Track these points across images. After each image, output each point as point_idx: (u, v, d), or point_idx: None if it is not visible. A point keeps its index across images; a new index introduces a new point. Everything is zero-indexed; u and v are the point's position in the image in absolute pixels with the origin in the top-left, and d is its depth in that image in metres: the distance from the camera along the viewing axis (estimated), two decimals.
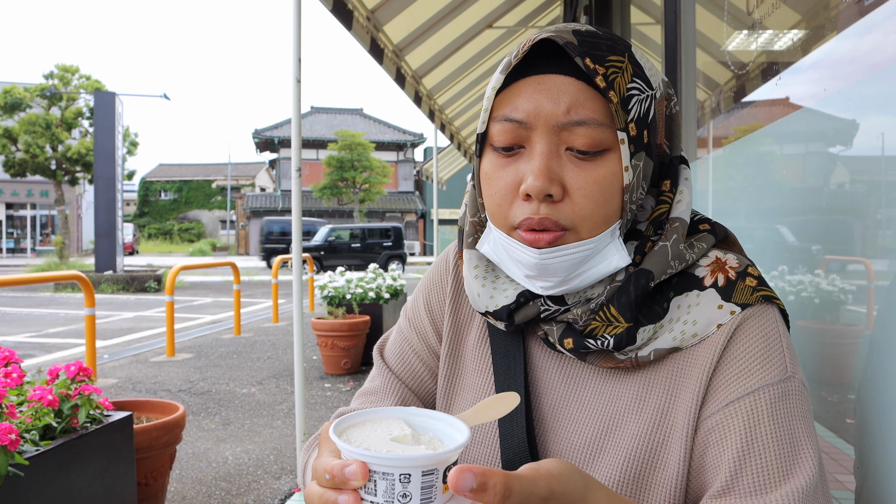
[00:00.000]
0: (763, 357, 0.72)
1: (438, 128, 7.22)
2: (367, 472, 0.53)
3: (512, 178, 0.74)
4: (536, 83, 0.72)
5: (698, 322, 0.74)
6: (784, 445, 0.68)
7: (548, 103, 0.71)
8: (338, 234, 23.92)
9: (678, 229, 0.76)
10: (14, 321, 10.13)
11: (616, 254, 0.74)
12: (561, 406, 0.81)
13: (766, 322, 0.74)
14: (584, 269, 0.75)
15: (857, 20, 1.04)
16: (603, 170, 0.71)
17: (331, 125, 39.24)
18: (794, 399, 0.70)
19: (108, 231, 16.01)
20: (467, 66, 5.79)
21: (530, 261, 0.74)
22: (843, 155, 1.18)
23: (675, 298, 0.77)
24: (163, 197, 49.43)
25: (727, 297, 0.74)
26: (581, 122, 0.70)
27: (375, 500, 0.53)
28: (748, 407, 0.70)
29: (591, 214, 0.72)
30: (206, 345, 7.70)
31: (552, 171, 0.71)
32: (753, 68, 1.58)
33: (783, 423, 0.69)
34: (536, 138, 0.72)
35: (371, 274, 6.94)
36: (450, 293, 0.93)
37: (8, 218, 35.09)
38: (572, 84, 0.71)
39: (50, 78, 23.63)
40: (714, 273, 0.77)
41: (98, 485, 2.16)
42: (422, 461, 0.52)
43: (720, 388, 0.72)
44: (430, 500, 0.53)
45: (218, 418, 4.65)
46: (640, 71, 0.73)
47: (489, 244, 0.81)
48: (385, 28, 4.02)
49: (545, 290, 0.76)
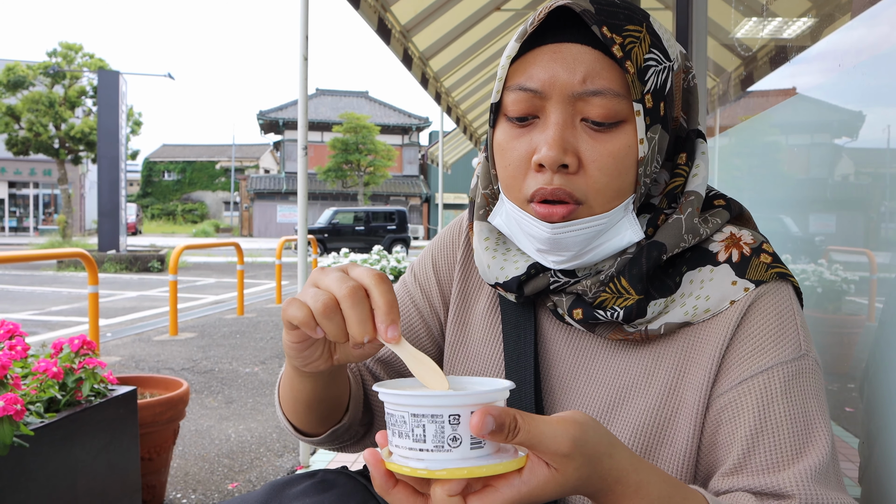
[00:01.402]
0: (777, 335, 0.71)
1: (445, 111, 7.19)
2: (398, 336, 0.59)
3: (526, 149, 0.73)
4: (552, 52, 0.71)
5: (711, 297, 0.74)
6: (797, 423, 0.68)
7: (563, 72, 0.70)
8: (342, 217, 23.91)
9: (693, 203, 0.76)
10: (17, 299, 10.17)
11: (629, 228, 0.73)
12: (569, 378, 0.81)
13: (780, 299, 0.73)
14: (597, 244, 0.74)
15: (868, 8, 1.03)
16: (618, 142, 0.70)
17: (336, 107, 39.09)
18: (807, 377, 0.70)
19: (111, 211, 16.02)
20: (475, 48, 5.75)
21: (543, 235, 0.73)
22: (848, 146, 1.18)
23: (687, 273, 0.76)
24: (166, 177, 49.37)
25: (741, 274, 0.74)
26: (597, 92, 0.69)
27: (425, 447, 0.52)
28: (762, 385, 0.70)
29: (604, 187, 0.71)
30: (210, 324, 7.73)
31: (566, 141, 0.70)
32: (763, 55, 1.57)
33: (797, 401, 0.69)
34: (551, 108, 0.71)
35: (375, 256, 6.95)
36: (459, 260, 0.93)
37: (11, 197, 35.11)
38: (589, 53, 0.70)
39: (53, 56, 23.52)
40: (728, 248, 0.76)
41: (102, 458, 2.19)
42: (471, 398, 0.52)
43: (733, 365, 0.72)
44: (480, 445, 0.53)
45: (221, 397, 4.68)
46: (657, 42, 0.72)
47: (501, 217, 0.80)
48: (392, 8, 4.00)
49: (557, 264, 0.75)
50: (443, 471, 0.51)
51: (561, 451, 0.52)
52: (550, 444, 0.52)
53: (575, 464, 0.53)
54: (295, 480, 0.81)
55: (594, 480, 0.55)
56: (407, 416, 0.53)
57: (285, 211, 38.59)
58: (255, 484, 3.17)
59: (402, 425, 0.53)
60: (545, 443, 0.52)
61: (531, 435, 0.52)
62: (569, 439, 0.53)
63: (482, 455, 0.53)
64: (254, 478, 3.25)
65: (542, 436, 0.52)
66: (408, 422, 0.53)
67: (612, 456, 0.56)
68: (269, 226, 38.97)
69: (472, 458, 0.52)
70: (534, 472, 0.52)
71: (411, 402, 0.53)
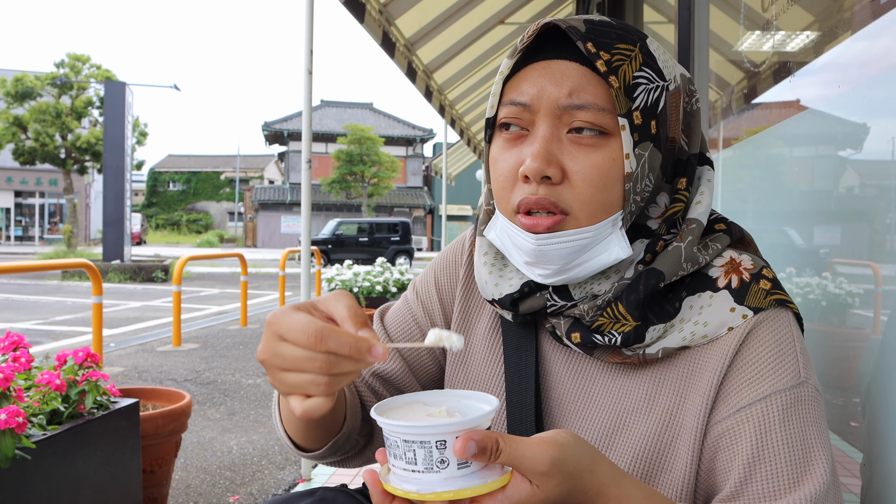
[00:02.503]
0: (775, 362, 0.71)
1: (448, 123, 7.21)
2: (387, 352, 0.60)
3: (514, 161, 0.75)
4: (542, 68, 0.73)
5: (709, 323, 0.73)
6: (795, 452, 0.68)
7: (551, 87, 0.72)
8: (346, 228, 23.95)
9: (694, 231, 0.76)
10: (22, 308, 10.19)
11: (617, 245, 0.74)
12: (569, 400, 0.81)
13: (779, 327, 0.73)
14: (584, 259, 0.74)
15: (872, 21, 1.03)
16: (602, 155, 0.71)
17: (340, 119, 39.25)
18: (806, 405, 0.70)
19: (116, 220, 16.08)
20: (479, 61, 5.78)
21: (528, 246, 0.74)
22: (853, 158, 1.18)
23: (687, 298, 0.76)
24: (171, 188, 49.57)
25: (740, 300, 0.74)
26: (581, 106, 0.71)
27: (417, 468, 0.58)
28: (760, 412, 0.69)
29: (589, 199, 0.72)
30: (213, 335, 7.73)
31: (551, 153, 0.72)
32: (766, 69, 1.57)
33: (795, 429, 0.69)
34: (539, 121, 0.73)
35: (378, 268, 6.95)
36: (462, 278, 0.93)
37: (17, 206, 35.27)
38: (576, 69, 0.72)
39: (61, 67, 23.70)
40: (728, 274, 0.76)
41: (104, 470, 2.18)
42: (453, 427, 0.57)
43: (732, 392, 0.72)
44: (467, 465, 0.58)
45: (223, 408, 4.67)
46: (651, 61, 0.73)
47: (496, 231, 0.81)
48: (397, 21, 4.02)
49: (544, 277, 0.76)
50: (431, 494, 0.57)
51: (540, 471, 0.58)
52: (530, 465, 0.58)
53: (555, 480, 0.58)
54: (294, 499, 0.81)
55: (575, 494, 0.60)
56: (399, 441, 0.58)
57: (289, 222, 38.67)
58: (256, 497, 3.16)
59: (397, 448, 0.59)
60: (525, 463, 0.58)
61: (512, 456, 0.57)
62: (547, 459, 0.58)
63: (469, 474, 0.58)
64: (255, 491, 3.24)
65: (523, 457, 0.57)
66: (400, 446, 0.58)
67: (594, 472, 0.61)
68: (274, 236, 39.04)
69: (460, 478, 0.58)
70: (517, 489, 0.58)
71: (401, 430, 0.58)
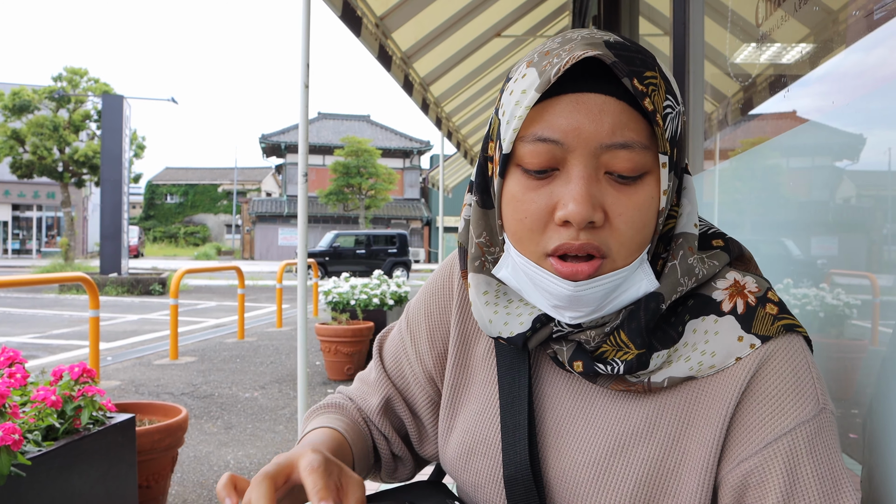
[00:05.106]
0: (795, 393, 0.69)
1: (445, 135, 7.24)
2: None
3: (546, 202, 0.69)
4: (575, 101, 0.67)
5: (717, 354, 0.71)
6: (826, 483, 0.67)
7: (589, 123, 0.66)
8: (343, 240, 23.95)
9: (683, 245, 0.73)
10: (18, 322, 10.15)
11: (644, 279, 0.71)
12: (567, 422, 0.79)
13: (793, 355, 0.71)
14: (615, 297, 0.71)
15: (867, 34, 1.04)
16: (642, 194, 0.68)
17: (337, 131, 39.34)
18: (828, 431, 0.69)
19: (113, 233, 16.07)
20: (475, 74, 5.81)
21: (563, 293, 0.69)
22: (849, 169, 1.18)
23: (690, 322, 0.73)
24: (169, 200, 49.56)
25: (747, 328, 0.71)
26: (625, 145, 0.66)
27: None
28: (787, 447, 0.68)
29: (629, 241, 0.68)
30: (210, 348, 7.70)
31: (594, 196, 0.67)
32: (761, 80, 1.58)
33: (822, 459, 0.68)
34: (574, 160, 0.67)
35: (375, 280, 6.94)
36: (456, 305, 0.91)
37: (14, 219, 35.24)
38: (614, 104, 0.67)
39: (58, 80, 23.77)
40: (732, 297, 0.73)
41: (100, 486, 2.16)
42: None
43: (754, 428, 0.70)
44: None
45: (220, 422, 4.64)
46: (669, 86, 0.69)
47: (508, 269, 0.76)
48: (394, 35, 4.04)
49: (574, 319, 0.72)
50: None
51: None
52: None
53: None
54: None
55: None
56: None
57: (287, 234, 38.65)
58: None
59: None
60: None
61: None
62: None
63: None
64: None
65: None
66: None
67: None
68: (271, 249, 39.01)
69: None
70: None
71: None
